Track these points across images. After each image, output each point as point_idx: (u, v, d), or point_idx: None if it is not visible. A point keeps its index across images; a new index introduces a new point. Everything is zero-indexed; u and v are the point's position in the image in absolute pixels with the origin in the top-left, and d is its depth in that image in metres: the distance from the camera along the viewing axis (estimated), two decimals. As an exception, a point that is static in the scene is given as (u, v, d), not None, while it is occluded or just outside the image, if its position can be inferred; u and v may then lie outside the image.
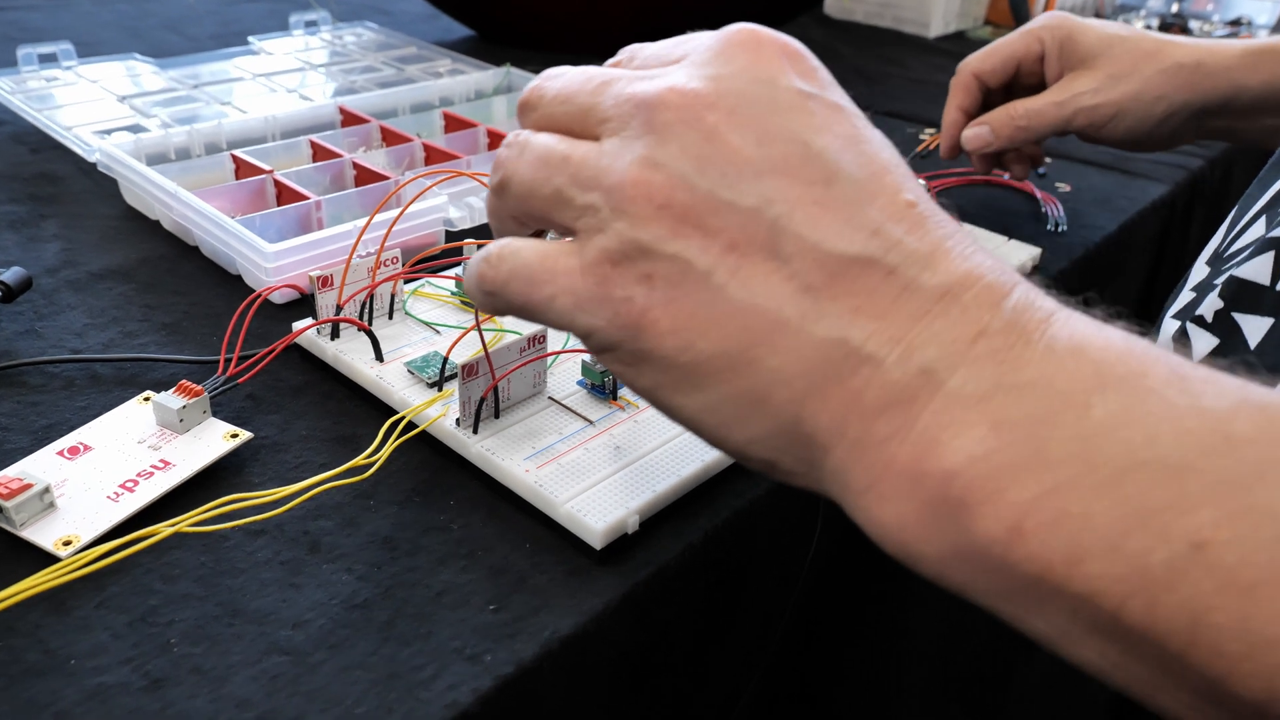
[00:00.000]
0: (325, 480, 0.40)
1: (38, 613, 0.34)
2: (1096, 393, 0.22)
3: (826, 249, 0.25)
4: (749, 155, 0.25)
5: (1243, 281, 0.39)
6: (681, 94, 0.26)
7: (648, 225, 0.25)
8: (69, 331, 0.51)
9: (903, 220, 0.25)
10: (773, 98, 0.26)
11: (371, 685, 0.32)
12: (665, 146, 0.26)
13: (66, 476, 0.39)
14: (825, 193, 0.25)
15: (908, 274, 0.25)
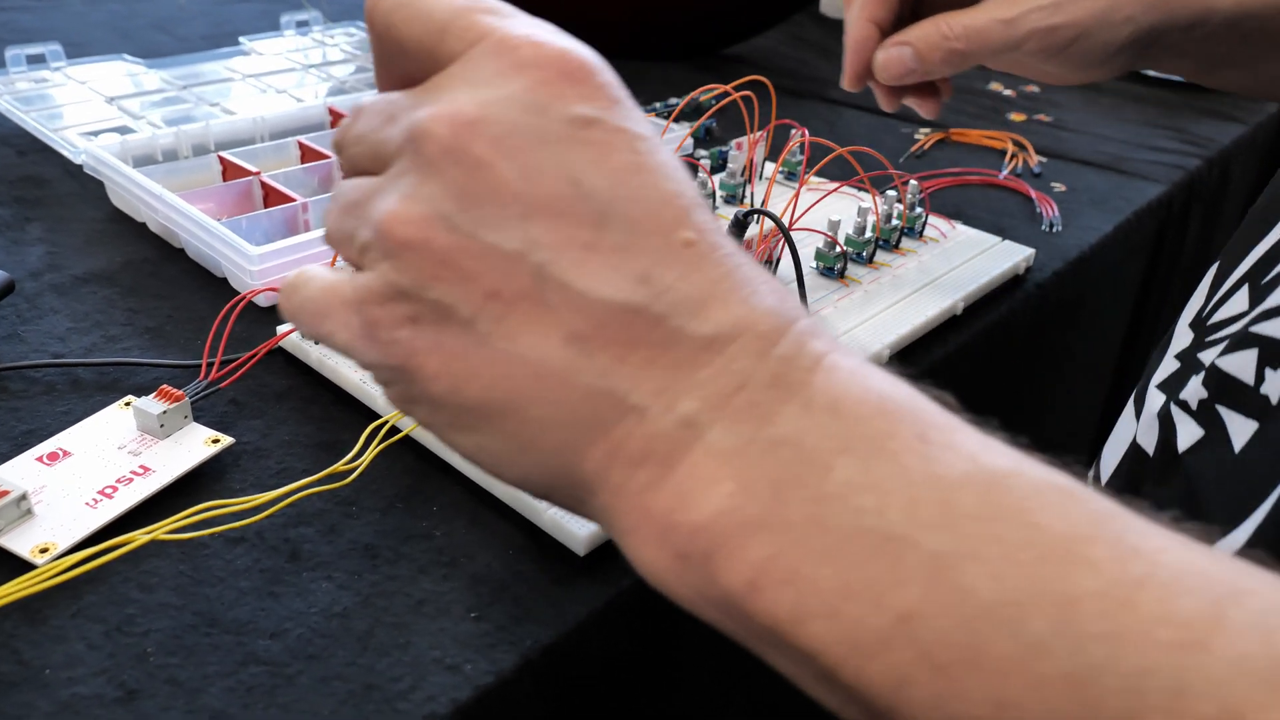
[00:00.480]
0: (306, 487, 0.40)
1: (12, 622, 0.34)
2: (841, 454, 0.23)
3: (593, 297, 0.24)
4: (515, 192, 0.24)
5: (1226, 375, 0.38)
6: (448, 122, 0.25)
7: (409, 268, 0.25)
8: (51, 336, 0.50)
9: (676, 263, 0.25)
10: (543, 128, 0.25)
11: (349, 696, 0.32)
12: (428, 183, 0.25)
13: (45, 483, 0.39)
14: (594, 236, 0.24)
15: (675, 322, 0.24)
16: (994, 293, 0.61)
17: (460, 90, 0.25)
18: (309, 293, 0.28)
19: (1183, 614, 0.20)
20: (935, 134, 0.88)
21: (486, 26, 0.26)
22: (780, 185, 0.70)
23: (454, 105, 0.25)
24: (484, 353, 0.25)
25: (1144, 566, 0.21)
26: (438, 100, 0.25)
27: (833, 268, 0.58)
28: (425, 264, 0.25)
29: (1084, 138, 0.91)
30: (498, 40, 0.25)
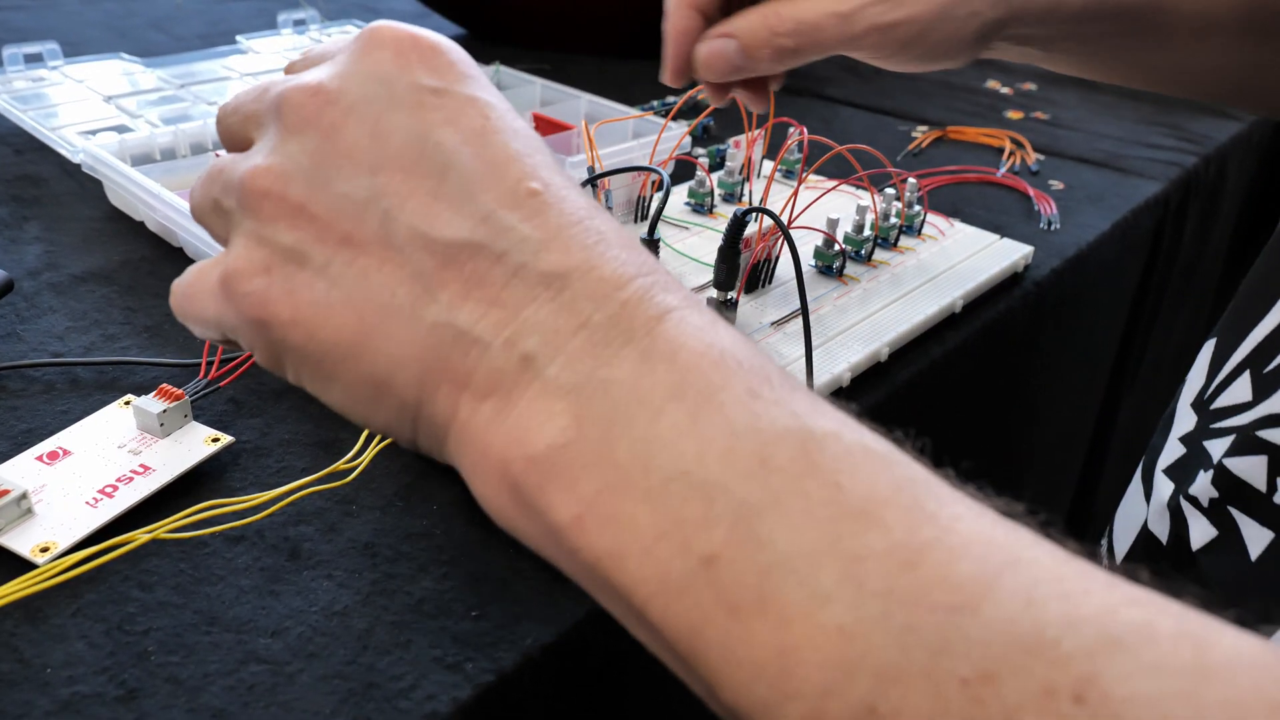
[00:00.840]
0: (306, 485, 0.40)
1: (12, 621, 0.34)
2: (672, 401, 0.24)
3: (434, 235, 0.26)
4: (363, 149, 0.26)
5: (1236, 478, 0.38)
6: (306, 91, 0.27)
7: (266, 220, 0.27)
8: (50, 335, 0.50)
9: (519, 208, 0.26)
10: (391, 95, 0.27)
11: (349, 695, 0.32)
12: (286, 145, 0.27)
13: (45, 482, 0.39)
14: (438, 185, 0.26)
15: (517, 259, 0.25)
16: (992, 290, 0.61)
17: (323, 68, 0.28)
18: (182, 280, 0.30)
19: (958, 578, 0.21)
20: (932, 132, 0.88)
21: (359, 32, 0.29)
22: (778, 183, 0.70)
23: (314, 78, 0.28)
24: (335, 294, 0.26)
25: (933, 531, 0.22)
26: (302, 76, 0.28)
27: (831, 266, 0.58)
28: (280, 212, 0.27)
29: (1081, 135, 0.91)
30: (366, 32, 0.28)
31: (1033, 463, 0.80)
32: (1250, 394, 0.39)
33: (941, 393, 0.56)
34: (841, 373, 0.49)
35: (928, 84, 1.01)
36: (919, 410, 0.54)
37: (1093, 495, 0.95)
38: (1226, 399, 0.41)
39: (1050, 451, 0.84)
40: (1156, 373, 0.98)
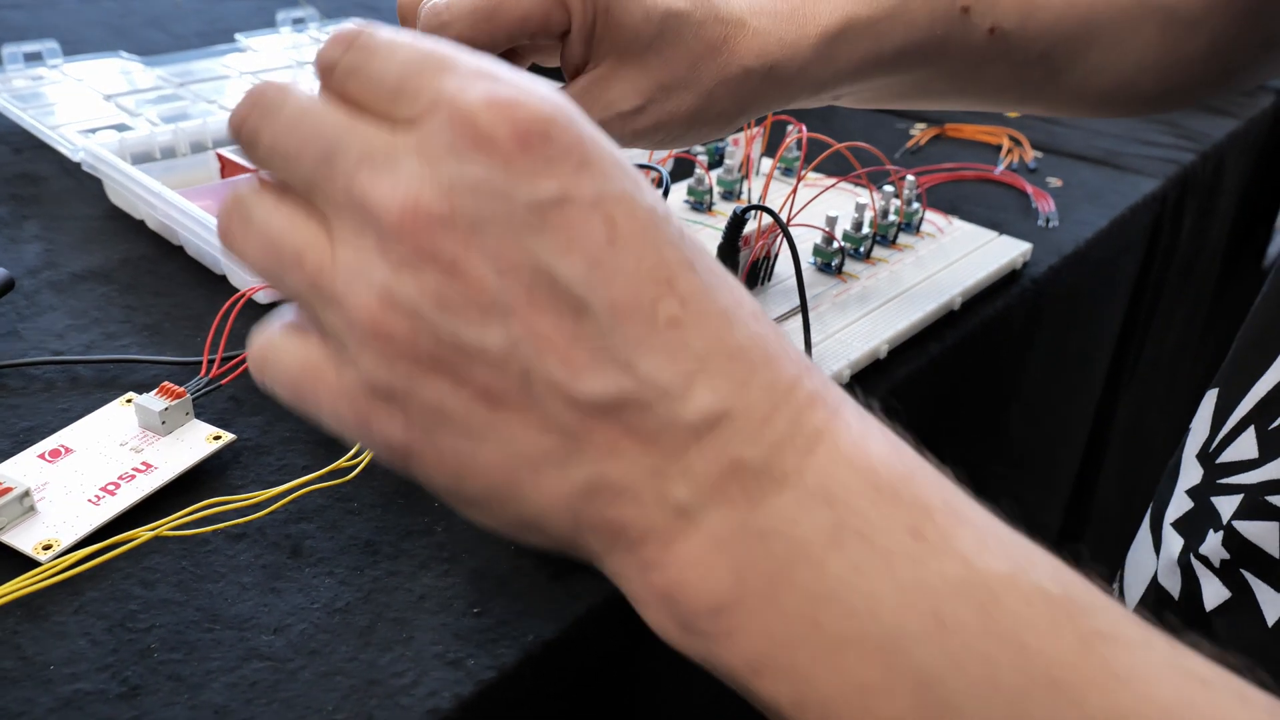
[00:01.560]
0: (307, 483, 0.40)
1: (14, 618, 0.34)
2: (832, 549, 0.23)
3: (579, 392, 0.24)
4: (491, 290, 0.24)
5: (1248, 542, 0.38)
6: (415, 217, 0.24)
7: (395, 367, 0.24)
8: (50, 333, 0.50)
9: (660, 347, 0.24)
10: (510, 215, 0.23)
11: (351, 691, 0.32)
12: (404, 282, 0.24)
13: (47, 480, 0.39)
14: (575, 328, 0.24)
15: (663, 411, 0.24)
16: (991, 288, 0.61)
17: (418, 167, 0.24)
18: (284, 369, 0.27)
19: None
20: (931, 129, 0.88)
21: (439, 95, 0.24)
22: (777, 181, 0.70)
23: (416, 191, 0.24)
24: (480, 450, 0.25)
25: (1130, 700, 0.21)
26: (396, 173, 0.24)
27: (830, 263, 0.58)
28: (413, 367, 0.24)
29: (1078, 133, 0.91)
30: (451, 113, 0.24)
31: (1031, 459, 0.80)
32: (1256, 451, 0.39)
33: (940, 390, 0.56)
34: (841, 370, 0.49)
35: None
36: (918, 407, 0.55)
37: (1091, 492, 0.95)
38: (1232, 454, 0.41)
39: (1049, 448, 0.84)
40: (1154, 369, 0.99)
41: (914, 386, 0.53)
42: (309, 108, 0.26)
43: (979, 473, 0.75)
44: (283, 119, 0.26)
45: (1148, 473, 1.17)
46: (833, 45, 0.42)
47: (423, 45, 0.26)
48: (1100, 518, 1.01)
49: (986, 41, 0.46)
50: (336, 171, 0.25)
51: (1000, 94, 0.50)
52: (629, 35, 0.39)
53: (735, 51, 0.41)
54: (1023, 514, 0.27)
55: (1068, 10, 0.47)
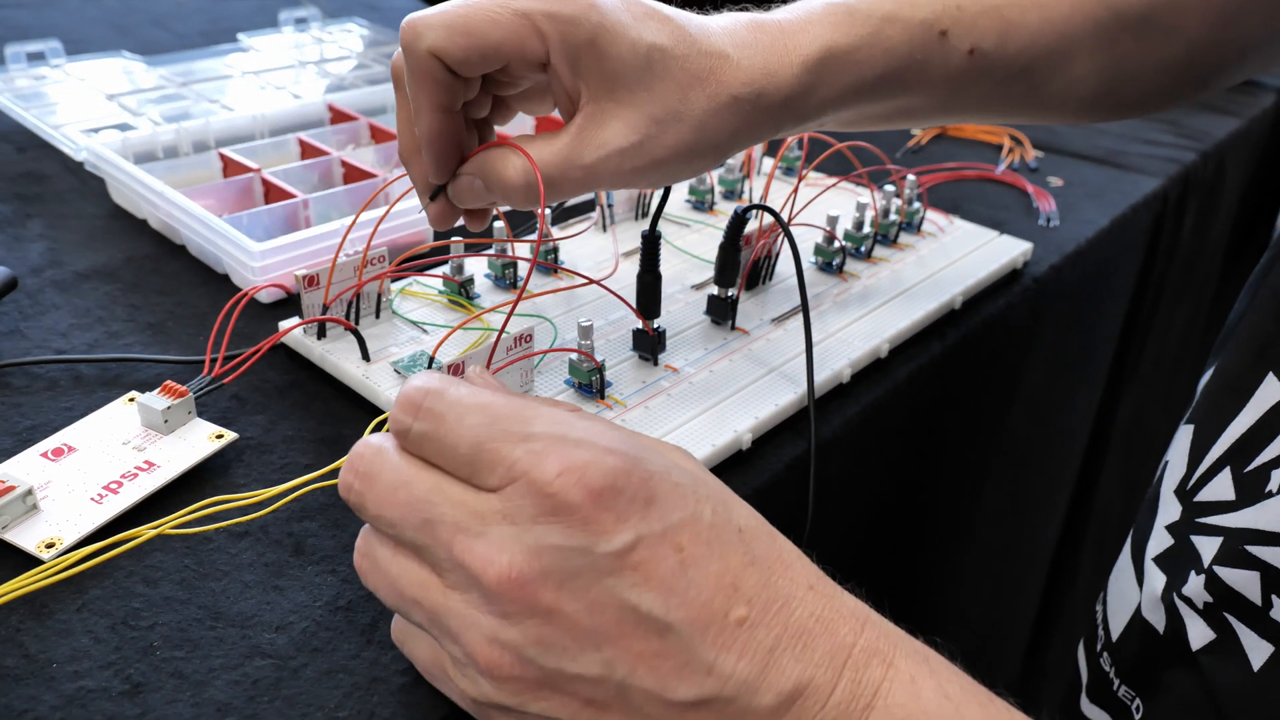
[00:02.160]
0: (310, 481, 0.40)
1: (18, 616, 0.34)
2: None
3: (669, 698, 0.28)
4: (584, 628, 0.28)
5: (1230, 589, 0.39)
6: (512, 583, 0.28)
7: (509, 693, 0.28)
8: (53, 332, 0.50)
9: (733, 645, 0.28)
10: (593, 566, 0.28)
11: (354, 689, 0.32)
12: (508, 631, 0.28)
13: (50, 478, 0.39)
14: (661, 645, 0.28)
15: (743, 702, 0.28)
16: (992, 287, 0.61)
17: (507, 533, 0.28)
18: (417, 658, 0.32)
19: None
20: (932, 129, 0.88)
21: (516, 466, 0.28)
22: (778, 180, 0.70)
23: (508, 559, 0.28)
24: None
25: None
26: (488, 540, 0.28)
27: (831, 262, 0.58)
28: (525, 690, 0.28)
29: (1079, 132, 0.91)
30: (529, 483, 0.28)
31: (1033, 458, 0.81)
32: (1233, 493, 0.40)
33: (942, 388, 0.56)
34: (842, 369, 0.49)
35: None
36: (919, 406, 0.55)
37: (1092, 490, 0.96)
38: (1209, 494, 0.41)
39: (1050, 446, 0.84)
40: (1155, 367, 0.99)
41: (915, 385, 0.53)
42: (405, 477, 0.30)
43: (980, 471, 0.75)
44: (381, 488, 0.30)
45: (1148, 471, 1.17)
46: (815, 73, 0.43)
47: (491, 410, 0.30)
48: (1101, 516, 1.01)
49: (966, 63, 0.46)
50: (437, 539, 0.29)
51: (984, 111, 0.50)
52: (617, 69, 0.39)
53: (722, 81, 0.41)
54: (1022, 516, 0.28)
55: (1045, 26, 0.47)
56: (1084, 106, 0.51)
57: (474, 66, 0.38)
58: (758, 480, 0.43)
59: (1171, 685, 0.41)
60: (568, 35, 0.38)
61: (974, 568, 0.78)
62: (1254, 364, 0.40)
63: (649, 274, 0.48)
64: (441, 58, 0.37)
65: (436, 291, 0.53)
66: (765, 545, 0.30)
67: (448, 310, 0.52)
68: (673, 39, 0.40)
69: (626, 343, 0.50)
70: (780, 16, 0.44)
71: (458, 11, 0.37)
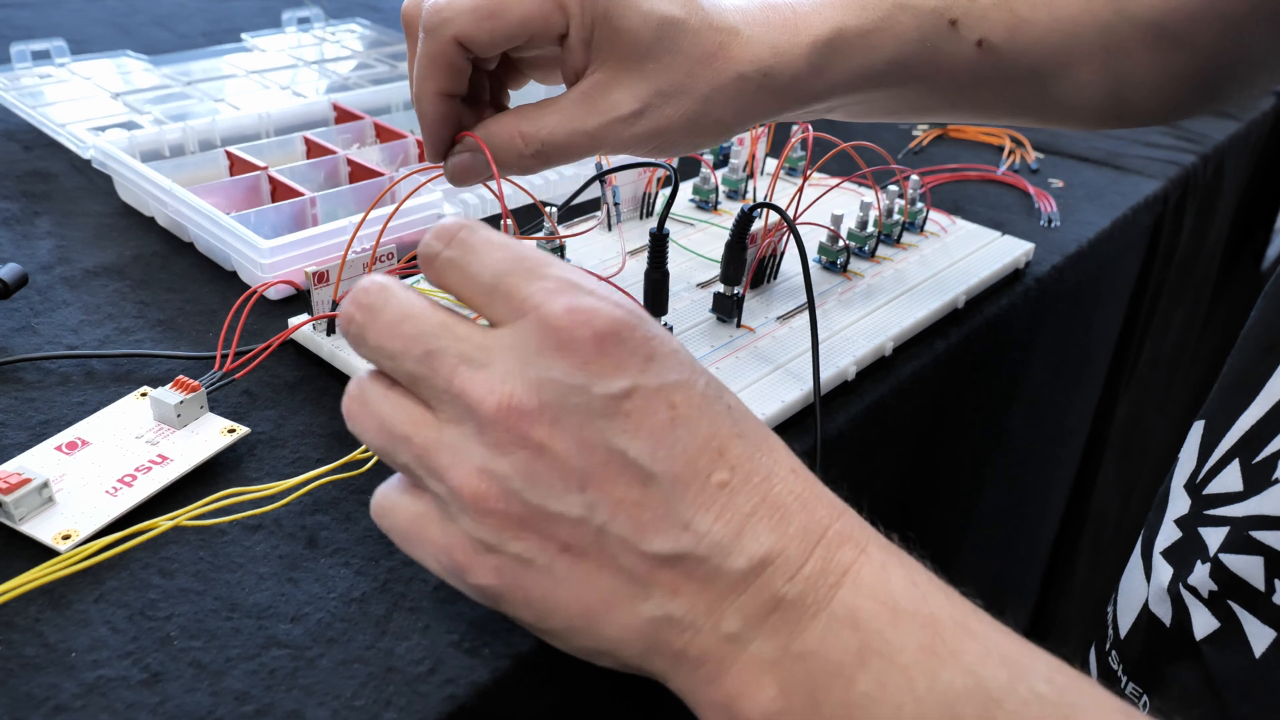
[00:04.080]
0: (322, 475, 0.40)
1: (36, 606, 0.34)
2: (860, 669, 0.28)
3: (644, 549, 0.29)
4: (571, 467, 0.28)
5: (1234, 575, 0.39)
6: (509, 411, 0.29)
7: (490, 528, 0.29)
8: (64, 328, 0.51)
9: (712, 506, 0.29)
10: (588, 405, 0.28)
11: (370, 678, 0.32)
12: (498, 461, 0.29)
13: (65, 471, 0.40)
14: (642, 495, 0.29)
15: (715, 561, 0.29)
16: (994, 286, 0.61)
17: (511, 365, 0.29)
18: (396, 521, 0.32)
19: None
20: (934, 130, 0.89)
21: (528, 300, 0.29)
22: (782, 180, 0.71)
23: (509, 389, 0.29)
24: (561, 590, 0.29)
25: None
26: (490, 371, 0.29)
27: (835, 262, 0.58)
28: (505, 527, 0.29)
29: (1080, 134, 0.92)
30: (539, 318, 0.29)
31: (1032, 456, 0.81)
32: (1241, 484, 0.40)
33: (944, 387, 0.57)
34: (847, 366, 0.50)
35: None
36: (921, 404, 0.55)
37: (1090, 489, 0.96)
38: (1218, 486, 0.42)
39: (1049, 445, 0.85)
40: (1154, 368, 0.99)
41: (918, 383, 0.53)
42: (409, 310, 0.30)
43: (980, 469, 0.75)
44: (385, 320, 0.30)
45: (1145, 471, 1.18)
46: (824, 54, 0.43)
47: (516, 250, 0.31)
48: (1098, 516, 1.02)
49: (975, 55, 0.46)
50: (437, 370, 0.30)
51: (992, 109, 0.51)
52: (627, 41, 0.40)
53: (730, 58, 0.42)
54: (1020, 514, 0.29)
55: (1053, 25, 0.47)
56: (1092, 113, 0.51)
57: (497, 47, 0.39)
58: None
59: (1175, 678, 0.42)
60: (586, 7, 0.39)
61: (972, 565, 0.79)
62: (1263, 358, 0.41)
63: (657, 271, 0.49)
64: (466, 44, 0.38)
65: (444, 289, 0.53)
66: (753, 426, 0.31)
67: (456, 307, 0.52)
68: (685, 11, 0.41)
69: (633, 340, 0.50)
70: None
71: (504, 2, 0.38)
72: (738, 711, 0.29)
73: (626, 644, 0.29)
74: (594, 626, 0.29)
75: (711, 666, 0.29)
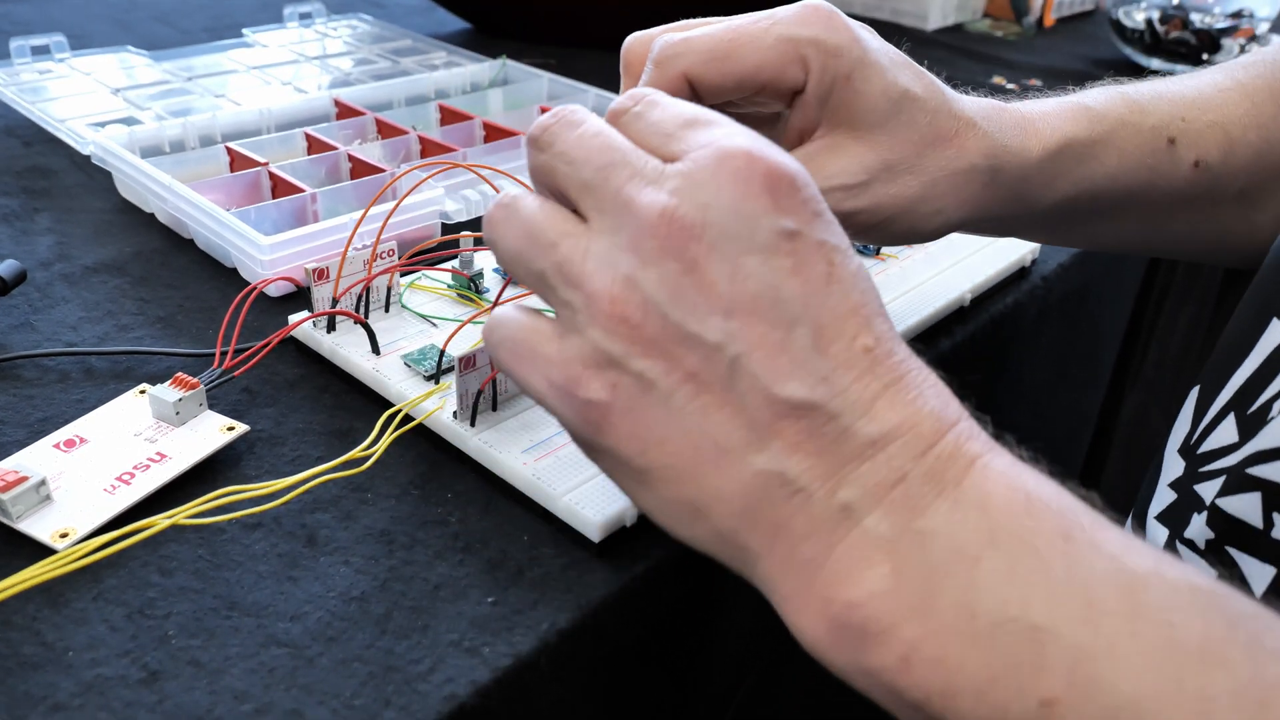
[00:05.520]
0: (322, 473, 0.40)
1: (34, 605, 0.34)
2: (988, 548, 0.25)
3: (775, 392, 0.27)
4: (720, 291, 0.27)
5: (1231, 518, 0.38)
6: (670, 222, 0.27)
7: (619, 341, 0.28)
8: (63, 325, 0.50)
9: (854, 367, 0.27)
10: (751, 236, 0.27)
11: (369, 678, 0.32)
12: (646, 271, 0.27)
13: (63, 469, 0.39)
14: (785, 337, 0.27)
15: (846, 421, 0.27)
16: (1000, 284, 0.61)
17: (683, 186, 0.28)
18: (509, 332, 0.31)
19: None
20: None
21: (709, 139, 0.29)
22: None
23: (676, 202, 0.28)
24: (674, 423, 0.28)
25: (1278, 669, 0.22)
26: (661, 187, 0.28)
27: (839, 259, 0.58)
28: (635, 341, 0.28)
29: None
30: (720, 149, 0.28)
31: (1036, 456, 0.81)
32: (1236, 435, 0.40)
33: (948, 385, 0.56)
34: (851, 364, 0.49)
35: (931, 80, 1.02)
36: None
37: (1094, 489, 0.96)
38: (1213, 442, 0.41)
39: (1054, 445, 0.84)
40: (1160, 368, 0.99)
41: (923, 381, 0.53)
42: (603, 129, 0.30)
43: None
44: (579, 132, 0.30)
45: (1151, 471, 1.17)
46: (1054, 160, 0.44)
47: (698, 108, 0.30)
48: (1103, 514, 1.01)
49: (1190, 176, 0.46)
50: (611, 179, 0.29)
51: (1196, 233, 0.50)
52: (865, 108, 0.39)
53: (965, 147, 0.41)
54: None
55: (1264, 148, 0.47)
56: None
57: (725, 93, 0.38)
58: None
59: None
60: (829, 66, 0.38)
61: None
62: (1256, 317, 0.40)
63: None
64: (694, 82, 0.38)
65: (445, 285, 0.53)
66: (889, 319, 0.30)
67: (457, 304, 0.52)
68: (926, 92, 0.40)
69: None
70: (1020, 106, 0.45)
71: (720, 36, 0.38)
72: (837, 597, 0.26)
73: (726, 500, 0.28)
74: (697, 471, 0.28)
75: (815, 543, 0.27)
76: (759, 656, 0.45)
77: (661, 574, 0.38)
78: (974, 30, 1.24)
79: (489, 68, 0.86)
